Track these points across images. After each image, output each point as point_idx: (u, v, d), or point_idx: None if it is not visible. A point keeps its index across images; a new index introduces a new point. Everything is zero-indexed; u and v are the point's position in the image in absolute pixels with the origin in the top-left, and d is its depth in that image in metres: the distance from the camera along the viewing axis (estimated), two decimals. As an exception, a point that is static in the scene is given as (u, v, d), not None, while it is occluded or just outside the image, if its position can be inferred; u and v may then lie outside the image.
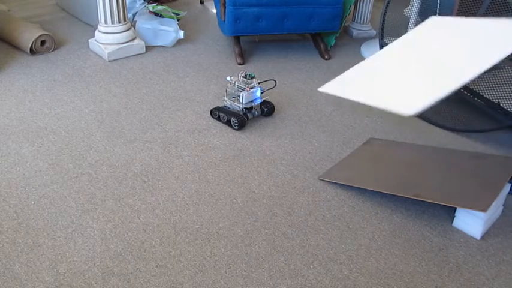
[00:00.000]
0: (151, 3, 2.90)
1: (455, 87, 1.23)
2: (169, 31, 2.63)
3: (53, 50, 2.56)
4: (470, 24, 1.60)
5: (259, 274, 1.28)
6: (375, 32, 3.03)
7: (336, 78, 1.51)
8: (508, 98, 1.89)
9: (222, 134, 1.90)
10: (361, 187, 1.58)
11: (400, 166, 1.63)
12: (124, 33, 2.49)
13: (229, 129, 1.94)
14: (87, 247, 1.33)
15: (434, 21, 1.72)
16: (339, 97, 2.24)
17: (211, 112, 2.01)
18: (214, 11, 3.39)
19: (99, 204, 1.50)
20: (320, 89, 1.49)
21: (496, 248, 1.41)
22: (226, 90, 1.99)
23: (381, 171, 1.62)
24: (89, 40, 2.59)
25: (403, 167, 1.64)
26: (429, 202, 1.56)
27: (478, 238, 1.43)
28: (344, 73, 1.55)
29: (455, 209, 1.50)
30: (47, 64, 2.41)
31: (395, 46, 1.64)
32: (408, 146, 1.81)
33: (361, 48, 2.80)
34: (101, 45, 2.49)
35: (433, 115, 2.10)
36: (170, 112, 2.04)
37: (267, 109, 2.02)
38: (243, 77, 1.96)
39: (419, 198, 1.46)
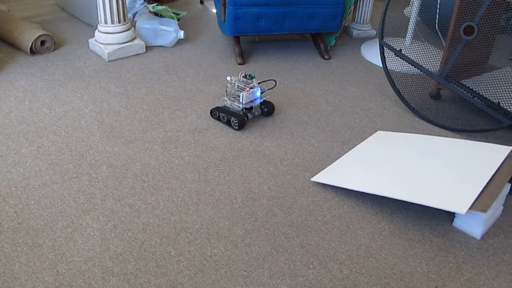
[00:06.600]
0: (151, 3, 2.90)
1: (485, 181, 1.42)
2: (169, 31, 2.63)
3: (53, 50, 2.56)
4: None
5: (259, 274, 1.28)
6: (375, 32, 3.03)
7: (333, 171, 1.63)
8: (508, 98, 1.89)
9: (222, 134, 1.90)
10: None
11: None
12: (124, 33, 2.49)
13: (229, 129, 1.94)
14: (87, 247, 1.33)
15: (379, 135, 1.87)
16: (338, 97, 2.24)
17: (211, 112, 2.01)
18: (214, 11, 3.39)
19: (99, 204, 1.50)
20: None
21: (496, 248, 1.41)
22: (226, 90, 1.99)
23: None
24: (89, 40, 2.59)
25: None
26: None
27: (478, 238, 1.43)
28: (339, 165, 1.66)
29: (455, 209, 1.50)
30: (47, 64, 2.41)
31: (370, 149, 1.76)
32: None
33: (361, 48, 2.80)
34: (101, 45, 2.49)
35: (433, 115, 2.10)
36: (170, 112, 2.04)
37: (267, 109, 2.02)
38: (243, 77, 1.96)
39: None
